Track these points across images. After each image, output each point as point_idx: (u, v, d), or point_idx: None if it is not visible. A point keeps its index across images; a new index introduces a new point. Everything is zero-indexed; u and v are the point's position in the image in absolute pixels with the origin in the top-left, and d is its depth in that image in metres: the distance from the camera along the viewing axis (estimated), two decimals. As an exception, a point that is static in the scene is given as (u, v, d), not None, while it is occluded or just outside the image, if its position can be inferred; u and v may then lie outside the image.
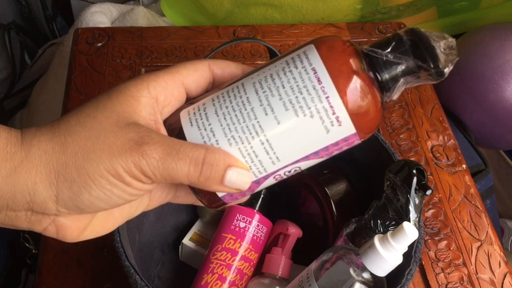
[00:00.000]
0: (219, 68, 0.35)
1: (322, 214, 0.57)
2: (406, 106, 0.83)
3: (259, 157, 0.32)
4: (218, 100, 0.33)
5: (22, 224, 0.31)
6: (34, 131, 0.31)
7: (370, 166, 0.59)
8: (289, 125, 0.32)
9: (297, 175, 0.59)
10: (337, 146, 0.33)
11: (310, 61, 0.32)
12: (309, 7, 0.97)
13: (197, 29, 0.91)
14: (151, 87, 0.33)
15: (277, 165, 0.33)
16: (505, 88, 0.95)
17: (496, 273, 0.66)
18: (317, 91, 0.31)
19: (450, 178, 0.75)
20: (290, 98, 0.31)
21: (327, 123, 0.32)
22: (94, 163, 0.29)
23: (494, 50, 0.96)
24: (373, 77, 0.32)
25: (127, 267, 0.47)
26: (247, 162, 0.32)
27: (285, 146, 0.32)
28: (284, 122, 0.32)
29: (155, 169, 0.30)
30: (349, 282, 0.43)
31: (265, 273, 0.57)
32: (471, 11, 1.10)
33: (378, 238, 0.42)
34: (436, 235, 0.69)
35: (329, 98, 0.31)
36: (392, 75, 0.32)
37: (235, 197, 0.35)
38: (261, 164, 0.33)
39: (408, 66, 0.32)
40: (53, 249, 0.64)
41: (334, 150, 0.33)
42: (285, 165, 0.33)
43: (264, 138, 0.32)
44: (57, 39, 1.32)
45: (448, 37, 0.31)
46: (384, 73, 0.32)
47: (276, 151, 0.32)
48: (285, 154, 0.33)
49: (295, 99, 0.31)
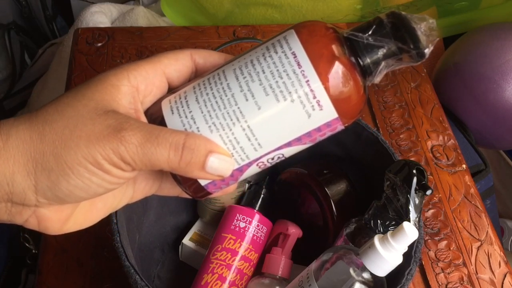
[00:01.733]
0: (202, 58, 0.35)
1: (322, 214, 0.57)
2: (406, 106, 0.83)
3: (241, 143, 0.32)
4: (199, 88, 0.33)
5: (2, 216, 0.30)
6: (12, 121, 0.30)
7: (370, 166, 0.59)
8: (270, 110, 0.31)
9: (297, 175, 0.59)
10: (320, 132, 0.33)
11: (290, 45, 0.31)
12: (309, 7, 0.97)
13: (197, 29, 0.91)
14: (131, 76, 0.32)
15: (259, 151, 0.33)
16: (505, 88, 0.95)
17: (496, 273, 0.66)
18: (297, 75, 0.31)
19: (450, 178, 0.75)
20: (270, 83, 0.31)
21: (308, 108, 0.31)
22: (71, 151, 0.29)
23: (494, 50, 0.96)
24: (355, 61, 0.32)
25: (127, 267, 0.47)
26: (228, 149, 0.32)
27: (267, 132, 0.32)
28: (265, 107, 0.31)
29: (135, 155, 0.29)
30: (349, 282, 0.43)
31: (265, 273, 0.57)
32: (471, 11, 1.10)
33: (378, 238, 0.42)
34: (436, 235, 0.69)
35: (309, 82, 0.31)
36: (374, 58, 0.32)
37: (219, 186, 0.34)
38: (243, 151, 0.32)
39: (389, 49, 0.32)
40: (53, 249, 0.64)
41: (317, 136, 0.33)
42: (267, 151, 0.33)
43: (245, 124, 0.32)
44: (57, 39, 1.32)
45: (429, 19, 0.31)
46: (365, 57, 0.32)
47: (258, 138, 0.32)
48: (267, 141, 0.32)
49: (275, 84, 0.31)
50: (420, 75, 0.88)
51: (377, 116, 0.82)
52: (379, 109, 0.83)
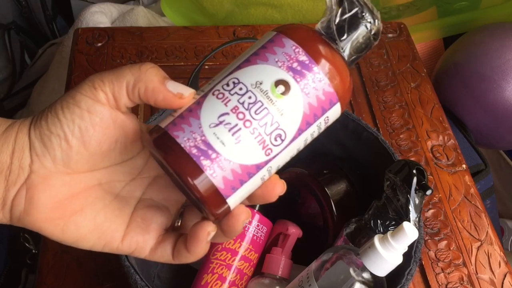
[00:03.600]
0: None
1: (322, 214, 0.57)
2: (406, 106, 0.83)
3: (200, 88, 0.33)
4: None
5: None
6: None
7: (370, 166, 0.59)
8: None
9: (297, 175, 0.59)
10: (265, 49, 0.32)
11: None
12: (309, 7, 0.97)
13: (197, 29, 0.91)
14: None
15: (213, 82, 0.33)
16: (505, 88, 0.95)
17: (496, 273, 0.66)
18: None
19: (450, 178, 0.75)
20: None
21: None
22: (55, 103, 0.33)
23: (494, 50, 0.97)
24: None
25: (127, 267, 0.47)
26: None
27: (220, 72, 0.33)
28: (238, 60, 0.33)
29: (106, 80, 0.32)
30: (349, 282, 0.43)
31: (265, 273, 0.57)
32: (471, 11, 1.10)
33: (378, 238, 0.42)
34: (436, 235, 0.69)
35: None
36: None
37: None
38: (200, 92, 0.33)
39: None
40: (53, 249, 0.64)
41: (264, 53, 0.32)
42: (219, 80, 0.32)
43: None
44: (57, 39, 1.32)
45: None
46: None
47: (213, 78, 0.33)
48: (219, 74, 0.33)
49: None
50: (420, 75, 0.88)
51: (377, 116, 0.82)
52: (379, 109, 0.83)
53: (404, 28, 0.96)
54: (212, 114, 0.31)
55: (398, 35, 0.95)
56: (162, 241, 0.35)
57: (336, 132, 0.61)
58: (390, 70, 0.88)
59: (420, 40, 1.10)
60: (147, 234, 0.34)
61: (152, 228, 0.35)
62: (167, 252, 0.34)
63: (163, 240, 0.35)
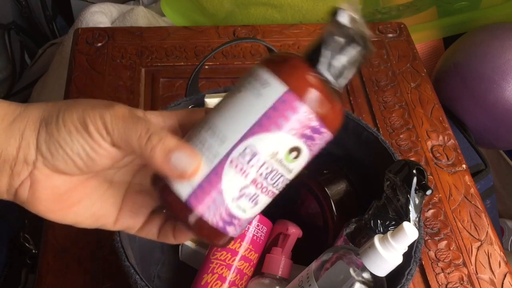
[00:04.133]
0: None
1: (322, 214, 0.57)
2: (406, 106, 0.83)
3: (208, 141, 0.33)
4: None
5: (4, 178, 0.33)
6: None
7: (370, 166, 0.59)
8: (227, 103, 0.34)
9: (297, 175, 0.59)
10: (278, 112, 0.33)
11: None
12: (309, 7, 0.97)
13: (197, 29, 0.91)
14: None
15: (225, 144, 0.33)
16: (505, 88, 0.95)
17: (496, 273, 0.66)
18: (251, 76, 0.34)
19: (450, 178, 0.75)
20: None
21: (256, 87, 0.33)
22: (71, 112, 0.33)
23: (494, 50, 0.97)
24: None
25: (127, 267, 0.47)
26: (200, 149, 0.33)
27: (227, 123, 0.33)
28: (223, 103, 0.34)
29: (115, 125, 0.32)
30: (349, 282, 0.43)
31: (265, 273, 0.57)
32: (471, 11, 1.10)
33: (378, 238, 0.42)
34: (436, 235, 0.69)
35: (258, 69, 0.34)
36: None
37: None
38: (211, 148, 0.33)
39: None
40: (53, 249, 0.64)
41: (278, 119, 0.33)
42: (233, 143, 0.33)
43: (210, 123, 0.34)
44: (57, 39, 1.32)
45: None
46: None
47: (221, 131, 0.33)
48: (229, 131, 0.33)
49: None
50: (420, 75, 0.88)
51: (377, 116, 0.82)
52: (379, 109, 0.83)
53: (404, 28, 0.96)
54: (234, 188, 0.33)
55: (398, 35, 0.95)
56: (150, 222, 0.38)
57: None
58: (390, 70, 0.89)
59: (420, 40, 1.10)
60: (137, 217, 0.37)
61: (142, 212, 0.38)
62: (152, 231, 0.38)
63: (150, 221, 0.38)
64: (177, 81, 0.84)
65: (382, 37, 0.94)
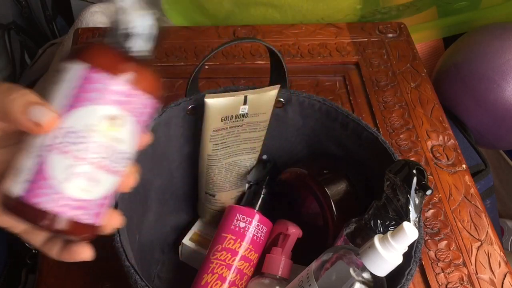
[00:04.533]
0: None
1: (322, 214, 0.57)
2: (406, 106, 0.83)
3: (27, 139, 0.35)
4: None
5: None
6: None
7: (370, 166, 0.59)
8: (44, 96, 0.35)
9: (297, 175, 0.59)
10: (81, 88, 0.34)
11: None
12: (309, 7, 0.97)
13: (197, 29, 0.91)
14: None
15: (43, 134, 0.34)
16: (505, 88, 0.95)
17: (496, 273, 0.66)
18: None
19: (450, 178, 0.75)
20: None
21: (61, 77, 0.35)
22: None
23: (494, 50, 0.97)
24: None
25: (127, 267, 0.47)
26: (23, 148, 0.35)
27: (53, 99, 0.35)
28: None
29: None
30: (349, 282, 0.43)
31: (265, 273, 0.57)
32: (471, 11, 1.10)
33: (378, 238, 0.42)
34: (436, 235, 0.69)
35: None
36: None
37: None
38: (31, 142, 0.35)
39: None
40: (53, 249, 0.64)
41: (82, 93, 0.34)
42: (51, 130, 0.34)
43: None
44: (57, 39, 1.32)
45: None
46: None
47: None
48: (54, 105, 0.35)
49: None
50: (420, 75, 0.88)
51: (377, 116, 0.82)
52: (379, 109, 0.83)
53: (404, 28, 0.96)
54: (60, 170, 0.34)
55: (398, 35, 0.95)
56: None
57: (336, 132, 0.61)
58: (390, 70, 0.88)
59: (420, 40, 1.10)
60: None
61: None
62: (38, 239, 0.38)
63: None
64: (177, 81, 0.84)
65: (382, 37, 0.94)
